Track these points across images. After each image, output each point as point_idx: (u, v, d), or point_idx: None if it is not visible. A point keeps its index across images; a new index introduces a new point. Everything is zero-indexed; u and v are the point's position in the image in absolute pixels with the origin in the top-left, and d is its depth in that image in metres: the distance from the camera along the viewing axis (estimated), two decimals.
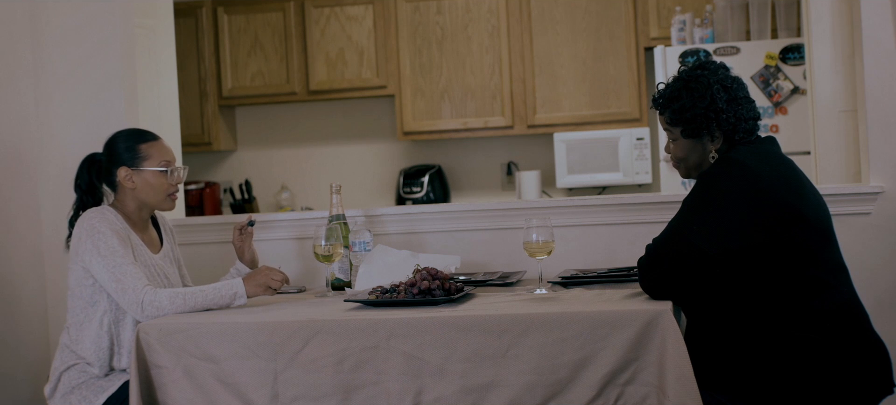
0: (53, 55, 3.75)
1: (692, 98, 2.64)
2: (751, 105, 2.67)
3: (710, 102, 2.62)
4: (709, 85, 2.63)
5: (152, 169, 2.99)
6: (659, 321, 2.45)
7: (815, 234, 2.56)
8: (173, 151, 3.10)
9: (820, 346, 2.49)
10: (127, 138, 3.04)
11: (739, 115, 2.63)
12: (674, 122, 2.69)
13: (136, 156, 2.99)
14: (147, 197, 3.01)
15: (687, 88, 2.66)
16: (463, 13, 6.16)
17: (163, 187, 3.01)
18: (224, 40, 6.43)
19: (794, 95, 5.45)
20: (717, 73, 2.66)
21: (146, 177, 2.99)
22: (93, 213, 2.95)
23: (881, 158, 3.37)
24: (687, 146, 2.70)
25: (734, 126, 2.63)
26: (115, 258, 2.86)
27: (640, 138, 5.94)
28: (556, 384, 2.48)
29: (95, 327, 2.93)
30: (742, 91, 2.67)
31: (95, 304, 2.94)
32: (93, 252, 2.87)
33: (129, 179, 3.00)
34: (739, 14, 5.65)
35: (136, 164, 2.99)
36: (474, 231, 3.57)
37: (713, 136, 2.65)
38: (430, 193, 6.33)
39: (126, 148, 3.01)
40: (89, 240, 2.89)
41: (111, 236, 2.88)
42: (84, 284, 2.93)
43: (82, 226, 2.92)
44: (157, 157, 3.01)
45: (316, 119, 6.72)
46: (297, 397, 2.61)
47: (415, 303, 2.73)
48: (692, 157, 2.70)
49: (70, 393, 2.94)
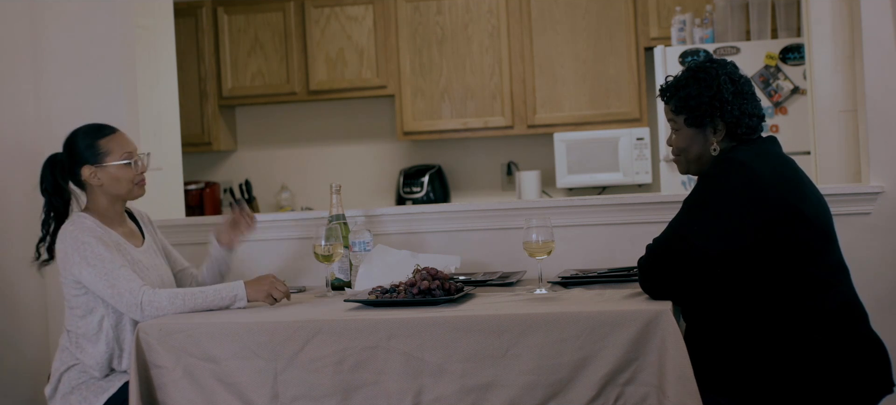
0: (53, 55, 3.75)
1: (699, 86, 2.65)
2: (756, 103, 2.68)
3: (716, 92, 2.63)
4: (717, 75, 2.64)
5: (115, 163, 2.98)
6: (659, 321, 2.45)
7: (816, 234, 2.56)
8: (133, 141, 3.08)
9: (820, 346, 2.49)
10: (85, 136, 3.01)
11: (744, 110, 2.64)
12: (678, 109, 2.69)
13: (97, 152, 2.98)
14: (115, 190, 3.00)
15: (695, 77, 2.67)
16: (463, 13, 6.16)
17: (129, 178, 3.00)
18: (224, 40, 6.43)
19: (794, 95, 5.45)
20: (726, 66, 2.68)
21: (110, 171, 2.98)
22: (71, 226, 2.93)
23: (881, 158, 3.37)
24: (689, 136, 2.69)
25: (738, 119, 2.63)
26: (105, 265, 2.85)
27: (641, 138, 5.94)
28: (556, 384, 2.48)
29: (94, 332, 2.93)
30: (748, 87, 2.68)
31: (93, 312, 2.93)
32: (81, 264, 2.86)
33: (94, 177, 2.99)
34: (739, 14, 5.65)
35: (98, 160, 2.98)
36: (474, 231, 3.57)
37: (716, 127, 2.65)
38: (430, 193, 6.33)
39: (86, 146, 2.99)
40: (75, 252, 2.87)
41: (96, 244, 2.87)
42: (78, 295, 2.93)
43: (65, 241, 2.91)
44: (118, 150, 2.99)
45: (316, 119, 6.72)
46: (297, 397, 2.61)
47: (415, 303, 2.73)
48: (693, 148, 2.69)
49: (70, 393, 2.94)
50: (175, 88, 4.96)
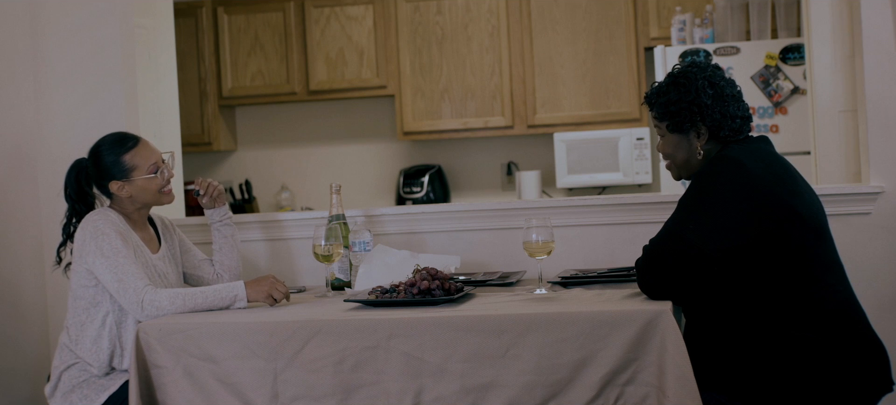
0: (53, 55, 3.75)
1: (678, 92, 2.68)
2: (740, 104, 2.69)
3: (694, 97, 2.65)
4: (695, 80, 2.68)
5: (143, 176, 3.01)
6: (659, 321, 2.45)
7: (810, 232, 2.56)
8: (156, 147, 3.10)
9: (817, 345, 2.49)
10: (110, 151, 3.03)
11: (725, 112, 2.66)
12: (661, 116, 2.74)
13: (123, 168, 3.01)
14: (143, 199, 3.04)
15: (675, 84, 2.71)
16: (463, 13, 6.16)
17: (155, 188, 3.04)
18: (224, 40, 6.43)
19: (794, 95, 5.45)
20: (706, 70, 2.70)
21: (138, 184, 3.01)
22: (96, 215, 2.97)
23: (881, 158, 3.37)
24: (673, 142, 2.73)
25: (719, 123, 2.66)
26: (118, 258, 2.87)
27: (640, 138, 5.94)
28: (556, 384, 2.48)
29: (97, 329, 2.94)
30: (731, 89, 2.69)
31: (98, 306, 2.94)
32: (96, 253, 2.89)
33: (122, 190, 3.02)
34: (739, 14, 5.65)
35: (125, 176, 3.01)
36: (474, 231, 3.57)
37: (698, 131, 2.68)
38: (430, 193, 6.33)
39: (112, 163, 3.01)
40: (93, 241, 2.90)
41: (115, 237, 2.90)
42: (87, 286, 2.94)
43: (86, 229, 2.94)
44: (144, 163, 3.02)
45: (316, 119, 6.72)
46: (297, 397, 2.61)
47: (415, 303, 2.73)
48: (679, 153, 2.73)
49: (70, 392, 2.94)
50: (175, 88, 4.96)
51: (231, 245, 3.27)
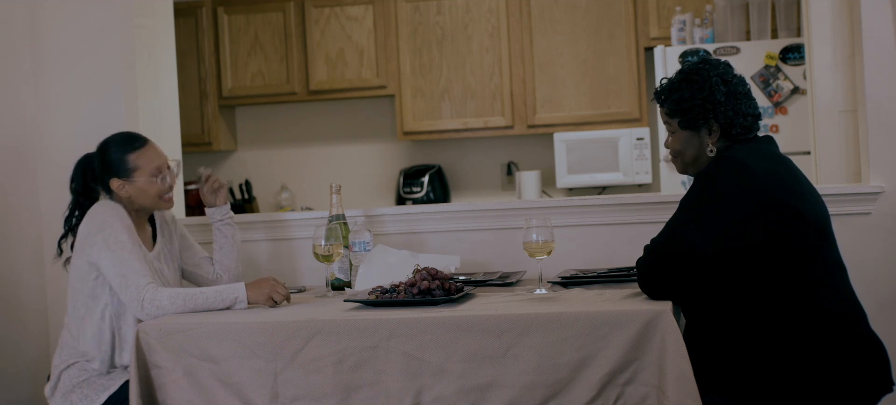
0: (53, 55, 3.75)
1: (691, 89, 2.66)
2: (751, 102, 2.68)
3: (708, 94, 2.64)
4: (708, 77, 2.66)
5: (144, 179, 3.01)
6: (659, 321, 2.45)
7: (814, 233, 2.56)
8: (163, 152, 3.10)
9: (818, 346, 2.49)
10: (116, 148, 3.03)
11: (737, 110, 2.65)
12: (672, 113, 2.71)
13: (126, 167, 3.00)
14: (142, 201, 3.04)
15: (687, 80, 2.69)
16: (463, 13, 6.16)
17: (155, 192, 3.03)
18: (224, 40, 6.43)
19: (794, 95, 5.45)
20: (718, 67, 2.69)
21: (139, 185, 3.01)
22: (102, 207, 2.97)
23: (881, 158, 3.37)
24: (684, 138, 2.71)
25: (732, 120, 2.64)
26: (123, 252, 2.87)
27: (641, 138, 5.94)
28: (556, 384, 2.48)
29: (97, 321, 2.94)
30: (742, 87, 2.68)
31: (97, 298, 2.94)
32: (101, 245, 2.88)
33: (122, 189, 3.02)
34: (739, 14, 5.65)
35: (126, 175, 3.00)
36: (474, 231, 3.57)
37: (711, 128, 2.66)
38: (430, 193, 6.33)
39: (117, 160, 3.01)
40: (100, 233, 2.90)
41: (122, 230, 2.90)
42: (87, 278, 2.94)
43: (93, 220, 2.93)
44: (147, 166, 3.01)
45: (316, 119, 6.72)
46: (297, 397, 2.61)
47: (415, 303, 2.73)
48: (689, 150, 2.71)
49: (71, 391, 2.94)
50: (175, 88, 4.96)
51: (231, 245, 3.27)
